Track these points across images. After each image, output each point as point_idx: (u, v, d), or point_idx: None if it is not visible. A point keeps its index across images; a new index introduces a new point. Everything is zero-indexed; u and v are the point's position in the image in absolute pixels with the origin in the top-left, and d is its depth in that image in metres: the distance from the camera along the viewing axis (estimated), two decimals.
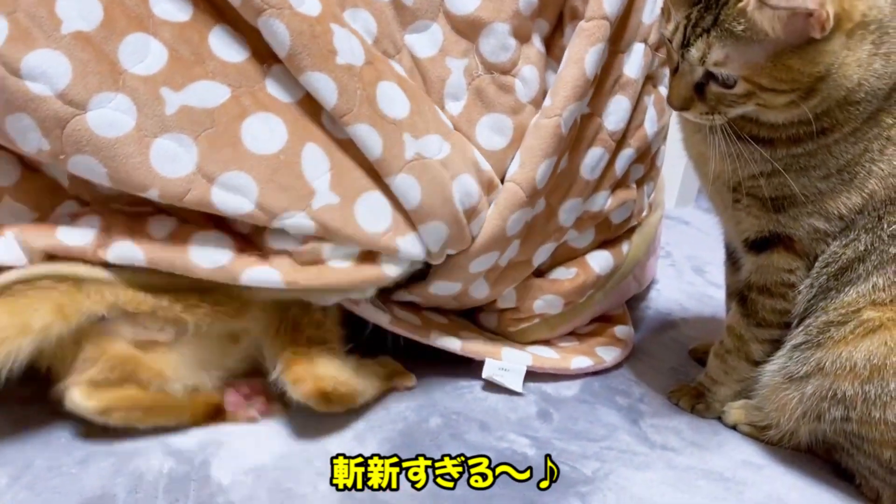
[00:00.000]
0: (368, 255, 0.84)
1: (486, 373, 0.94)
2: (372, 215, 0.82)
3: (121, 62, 0.73)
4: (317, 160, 0.79)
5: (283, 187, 0.77)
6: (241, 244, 0.81)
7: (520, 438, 0.85)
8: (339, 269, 0.82)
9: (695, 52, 0.70)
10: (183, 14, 0.77)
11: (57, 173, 0.83)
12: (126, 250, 0.77)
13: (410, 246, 0.84)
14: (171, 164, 0.74)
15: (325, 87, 0.77)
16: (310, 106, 0.80)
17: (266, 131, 0.78)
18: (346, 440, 0.83)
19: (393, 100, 0.80)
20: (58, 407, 0.78)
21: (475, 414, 0.89)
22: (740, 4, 0.65)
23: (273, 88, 0.79)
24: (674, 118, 1.30)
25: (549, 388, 0.96)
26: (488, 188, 0.88)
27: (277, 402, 0.85)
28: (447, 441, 0.84)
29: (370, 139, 0.79)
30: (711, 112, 0.74)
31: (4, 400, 0.80)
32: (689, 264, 1.39)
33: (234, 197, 0.76)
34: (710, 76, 0.72)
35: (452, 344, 0.95)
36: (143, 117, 0.73)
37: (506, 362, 0.95)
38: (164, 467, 0.76)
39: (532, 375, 0.97)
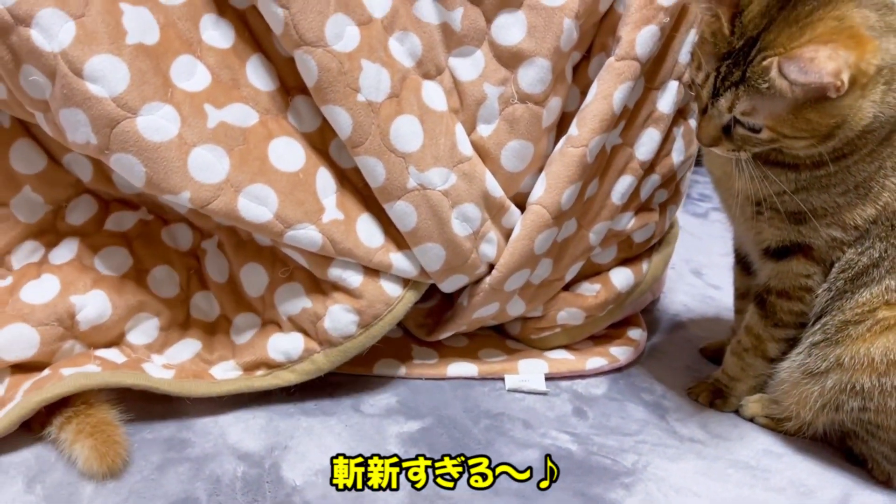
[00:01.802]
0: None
1: (509, 386, 1.01)
2: (370, 232, 0.91)
3: (172, 77, 0.81)
4: (327, 182, 0.89)
5: (299, 202, 0.86)
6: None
7: (561, 435, 0.92)
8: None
9: (724, 102, 0.76)
10: (226, 42, 0.86)
11: (79, 169, 0.92)
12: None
13: (403, 263, 0.92)
14: (205, 172, 0.82)
15: (342, 120, 0.85)
16: (321, 137, 0.90)
17: (289, 152, 0.87)
18: (404, 442, 0.88)
19: (407, 134, 0.87)
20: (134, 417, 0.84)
21: (516, 413, 0.95)
22: (764, 63, 0.72)
23: (292, 118, 0.89)
24: None
25: (580, 387, 1.03)
26: (498, 211, 0.95)
27: None
28: (496, 438, 0.90)
29: (375, 170, 0.87)
30: (738, 150, 0.80)
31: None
32: (687, 267, 1.48)
33: (256, 206, 0.84)
34: (736, 121, 0.78)
35: (469, 370, 1.02)
36: (186, 127, 0.81)
37: (524, 374, 1.02)
38: (238, 471, 0.81)
39: (563, 376, 1.04)
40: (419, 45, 0.90)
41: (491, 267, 0.96)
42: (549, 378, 1.03)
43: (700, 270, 1.47)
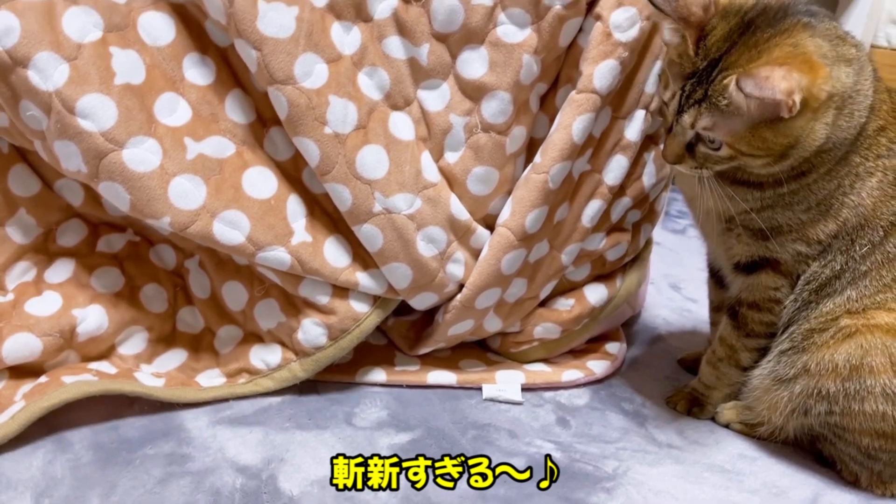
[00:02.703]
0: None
1: (486, 395, 1.05)
2: (337, 253, 0.98)
3: (156, 114, 0.88)
4: (297, 207, 0.97)
5: (269, 226, 0.94)
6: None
7: (545, 443, 0.96)
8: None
9: (687, 119, 0.82)
10: (207, 79, 0.93)
11: (69, 194, 0.99)
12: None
13: (369, 281, 0.98)
14: (184, 199, 0.89)
15: (311, 151, 0.91)
16: (295, 165, 0.97)
17: (262, 181, 0.94)
18: (396, 451, 0.92)
19: (372, 163, 0.94)
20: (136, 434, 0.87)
21: (502, 424, 0.99)
22: (724, 81, 0.77)
23: (269, 147, 0.97)
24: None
25: (563, 398, 1.07)
26: (464, 233, 1.00)
27: None
28: (483, 447, 0.94)
29: (342, 195, 0.93)
30: (700, 167, 0.85)
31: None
32: (665, 282, 1.53)
33: (230, 230, 0.91)
34: (699, 138, 0.83)
35: (448, 378, 1.07)
36: (168, 159, 0.88)
37: (501, 384, 1.07)
38: (237, 483, 0.84)
39: (546, 388, 1.08)
40: (387, 79, 0.95)
41: (461, 286, 1.02)
42: (528, 389, 1.07)
43: (678, 285, 1.52)
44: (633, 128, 1.01)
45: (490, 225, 1.02)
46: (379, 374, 1.06)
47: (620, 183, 1.04)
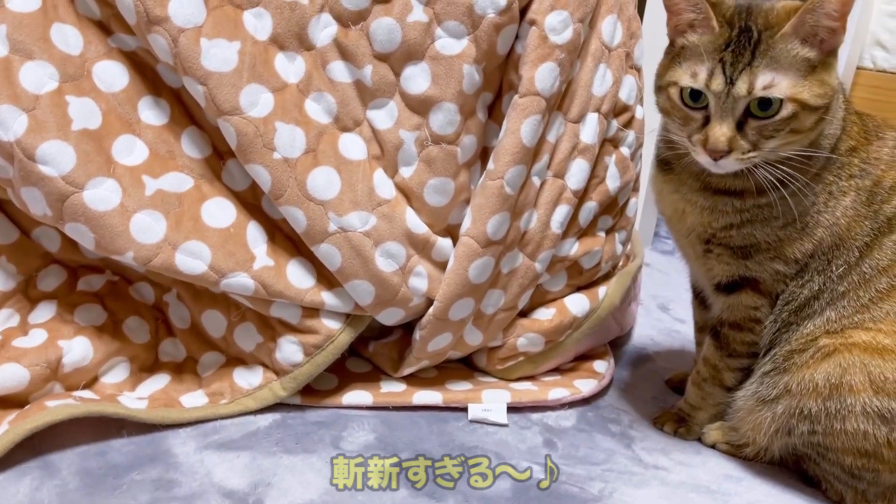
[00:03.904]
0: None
1: (471, 416, 1.06)
2: (300, 275, 1.00)
3: (113, 155, 0.92)
4: (257, 234, 1.00)
5: (230, 253, 0.96)
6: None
7: (533, 465, 0.96)
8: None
9: (742, 85, 0.80)
10: (161, 119, 0.97)
11: (47, 241, 1.02)
12: None
13: (334, 300, 1.01)
14: (145, 234, 0.93)
15: (262, 176, 0.95)
16: (253, 193, 1.01)
17: (220, 211, 0.97)
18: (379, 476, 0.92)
19: (323, 184, 0.96)
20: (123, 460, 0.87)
21: (489, 446, 1.00)
22: (786, 30, 0.80)
23: (227, 179, 1.00)
24: (644, 178, 1.46)
25: (550, 420, 1.08)
26: (423, 246, 1.02)
27: None
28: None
29: (297, 217, 0.96)
30: (752, 149, 0.82)
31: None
32: (654, 303, 1.54)
33: (192, 260, 0.95)
34: (748, 114, 0.82)
35: (434, 398, 1.08)
36: (127, 197, 0.91)
37: (486, 404, 1.08)
38: None
39: (533, 409, 1.09)
40: (334, 103, 0.98)
41: (430, 300, 1.03)
42: (515, 409, 1.08)
43: (667, 305, 1.53)
44: (588, 131, 1.04)
45: (455, 236, 1.04)
46: (365, 397, 1.07)
47: (584, 187, 1.06)
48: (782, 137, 0.83)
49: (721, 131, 0.82)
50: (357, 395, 1.07)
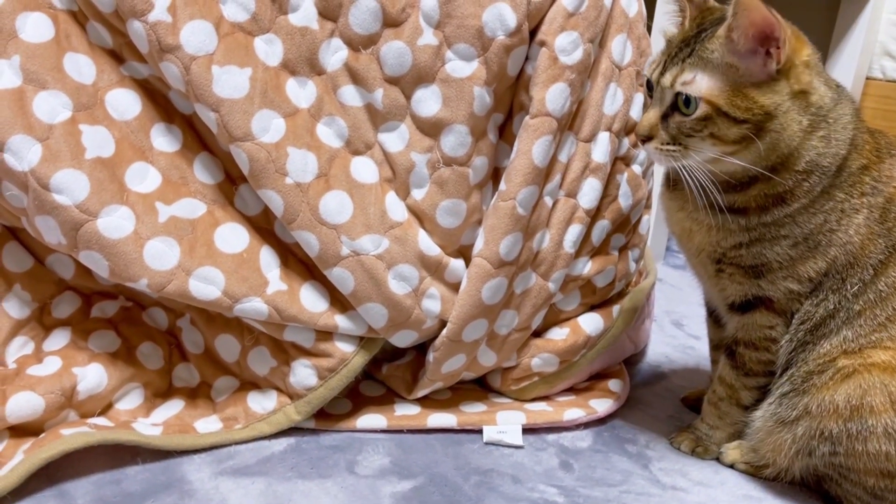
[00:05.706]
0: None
1: (486, 438, 1.05)
2: (314, 299, 1.00)
3: (127, 182, 0.93)
4: (270, 258, 1.00)
5: (244, 278, 0.97)
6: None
7: (549, 488, 0.96)
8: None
9: (668, 77, 0.84)
10: (174, 146, 0.97)
11: (61, 268, 1.03)
12: None
13: (348, 323, 1.01)
14: (159, 260, 0.93)
15: (275, 201, 0.95)
16: (266, 218, 1.01)
17: (233, 236, 0.97)
18: (398, 502, 0.92)
19: (335, 208, 0.97)
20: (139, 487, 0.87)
21: (505, 469, 0.99)
22: (718, 32, 0.81)
23: (239, 204, 1.01)
24: (656, 198, 1.46)
25: (566, 441, 1.07)
26: (436, 268, 1.02)
27: None
28: (486, 494, 0.93)
29: (310, 242, 0.96)
30: (673, 142, 0.85)
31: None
32: (668, 319, 1.53)
33: (205, 286, 0.95)
34: (674, 107, 0.84)
35: (449, 420, 1.08)
36: (141, 224, 0.92)
37: (502, 425, 1.07)
38: None
39: (549, 430, 1.08)
40: (345, 127, 0.99)
41: (443, 321, 1.03)
42: (531, 432, 1.07)
43: (680, 322, 1.52)
44: (600, 150, 1.05)
45: (467, 257, 1.04)
46: (380, 420, 1.06)
47: (596, 206, 1.07)
48: (702, 140, 0.84)
49: (646, 117, 0.87)
50: (371, 419, 1.07)
